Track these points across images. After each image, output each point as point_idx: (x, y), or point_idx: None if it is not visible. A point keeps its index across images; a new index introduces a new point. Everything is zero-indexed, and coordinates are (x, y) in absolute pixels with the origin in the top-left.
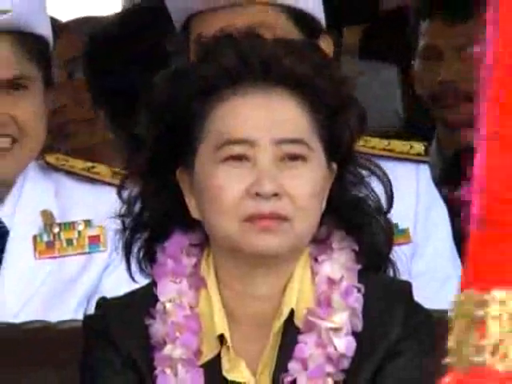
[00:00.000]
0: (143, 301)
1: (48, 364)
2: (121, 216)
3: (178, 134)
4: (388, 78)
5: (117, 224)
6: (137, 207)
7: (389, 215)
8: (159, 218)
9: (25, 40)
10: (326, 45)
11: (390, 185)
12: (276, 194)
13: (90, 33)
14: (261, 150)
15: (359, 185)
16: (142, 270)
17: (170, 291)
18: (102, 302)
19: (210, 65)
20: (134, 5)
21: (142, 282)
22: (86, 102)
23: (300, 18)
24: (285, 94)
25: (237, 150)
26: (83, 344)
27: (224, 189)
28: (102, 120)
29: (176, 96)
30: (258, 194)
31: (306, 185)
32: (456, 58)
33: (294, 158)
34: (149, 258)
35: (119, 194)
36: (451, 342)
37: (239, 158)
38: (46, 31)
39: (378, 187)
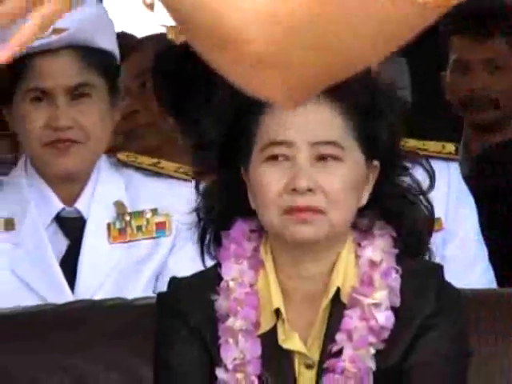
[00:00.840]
0: (209, 280)
1: (123, 336)
2: (196, 209)
3: (239, 138)
4: (398, 68)
5: (180, 213)
6: (208, 200)
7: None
8: (226, 208)
9: (86, 52)
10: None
11: (433, 170)
12: (310, 190)
13: (157, 50)
14: (298, 150)
15: (403, 176)
16: (209, 253)
17: (233, 271)
18: (174, 281)
19: None
20: None
21: (208, 263)
22: (156, 109)
23: None
24: (320, 100)
25: (277, 150)
26: (157, 317)
27: (267, 184)
28: (170, 124)
29: (236, 106)
30: (294, 190)
31: (338, 181)
32: (484, 70)
33: (327, 157)
34: (215, 243)
35: (197, 188)
36: None
37: (279, 157)
38: (108, 45)
39: (421, 175)
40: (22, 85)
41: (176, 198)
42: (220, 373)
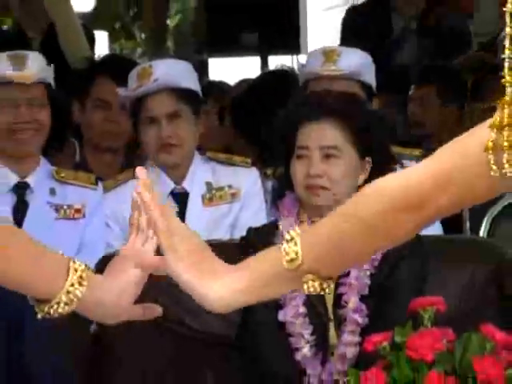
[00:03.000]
0: (271, 229)
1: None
2: (273, 190)
3: (288, 148)
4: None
5: (245, 187)
6: (275, 181)
7: None
8: (281, 185)
9: (177, 91)
10: (375, 103)
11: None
12: (319, 176)
13: (235, 93)
14: (312, 151)
15: (392, 166)
16: (270, 212)
17: (286, 223)
18: (250, 229)
19: (304, 106)
20: (269, 71)
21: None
22: (231, 131)
23: (365, 86)
24: (326, 121)
25: (300, 151)
26: (239, 254)
27: (296, 173)
28: (238, 137)
29: (286, 122)
30: (309, 176)
31: (338, 170)
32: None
33: (330, 156)
34: (275, 205)
35: (265, 174)
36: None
37: (303, 156)
38: (192, 85)
39: None
40: (140, 115)
41: (242, 177)
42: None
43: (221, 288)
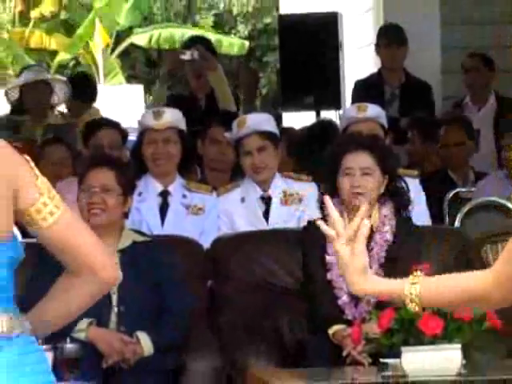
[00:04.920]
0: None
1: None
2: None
3: (337, 166)
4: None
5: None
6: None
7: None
8: (331, 193)
9: (263, 132)
10: (387, 138)
11: (406, 183)
12: (358, 186)
13: (298, 136)
14: (355, 170)
15: (399, 183)
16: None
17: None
18: (309, 222)
19: (347, 142)
20: (318, 122)
21: None
22: (295, 160)
23: (382, 127)
24: (364, 151)
25: (347, 171)
26: (301, 237)
27: (343, 185)
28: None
29: (334, 153)
30: (353, 186)
31: (369, 183)
32: None
33: (365, 174)
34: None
35: (318, 185)
36: None
37: (348, 174)
38: (273, 129)
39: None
40: (240, 149)
41: (305, 188)
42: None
43: (363, 285)
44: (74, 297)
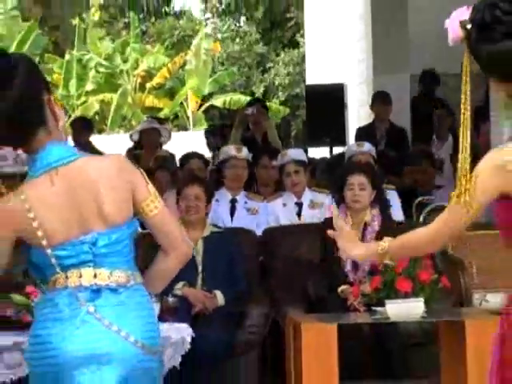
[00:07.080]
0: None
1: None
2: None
3: (343, 183)
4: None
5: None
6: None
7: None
8: (339, 200)
9: (297, 160)
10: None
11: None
12: (358, 196)
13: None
14: (355, 186)
15: (383, 195)
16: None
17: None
18: (326, 218)
19: (350, 167)
20: (333, 155)
21: None
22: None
23: (372, 157)
24: (362, 174)
25: (350, 186)
26: (320, 230)
27: (348, 195)
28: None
29: (341, 175)
30: (354, 195)
31: (364, 194)
32: None
33: (362, 189)
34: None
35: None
36: None
37: (351, 188)
38: (304, 159)
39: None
40: (284, 170)
41: (324, 196)
42: None
43: (358, 252)
44: (165, 270)
